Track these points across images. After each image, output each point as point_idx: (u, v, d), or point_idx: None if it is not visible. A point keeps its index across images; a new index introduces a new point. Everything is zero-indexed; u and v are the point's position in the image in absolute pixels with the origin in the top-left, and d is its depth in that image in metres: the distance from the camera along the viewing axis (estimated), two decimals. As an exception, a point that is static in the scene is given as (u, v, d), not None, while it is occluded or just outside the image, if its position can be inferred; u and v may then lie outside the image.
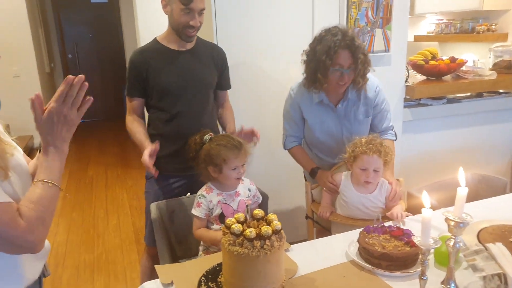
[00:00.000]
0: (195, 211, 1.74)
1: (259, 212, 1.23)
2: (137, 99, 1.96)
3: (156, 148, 1.76)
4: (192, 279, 1.28)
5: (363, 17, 2.60)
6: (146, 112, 2.04)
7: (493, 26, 3.76)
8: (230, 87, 2.15)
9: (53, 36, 7.25)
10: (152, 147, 1.76)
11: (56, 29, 7.27)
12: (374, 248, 1.33)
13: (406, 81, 2.88)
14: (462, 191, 1.09)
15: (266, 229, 1.14)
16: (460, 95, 3.19)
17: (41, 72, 5.82)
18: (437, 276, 1.20)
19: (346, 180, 1.88)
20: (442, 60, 3.05)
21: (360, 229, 1.48)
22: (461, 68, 3.09)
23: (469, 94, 3.21)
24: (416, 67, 3.09)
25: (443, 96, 3.05)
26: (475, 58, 3.74)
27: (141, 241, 3.19)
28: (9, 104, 4.88)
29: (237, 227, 1.16)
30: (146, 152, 1.75)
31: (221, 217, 1.73)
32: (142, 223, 3.46)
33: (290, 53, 2.49)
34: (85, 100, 1.07)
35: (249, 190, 1.83)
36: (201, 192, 1.77)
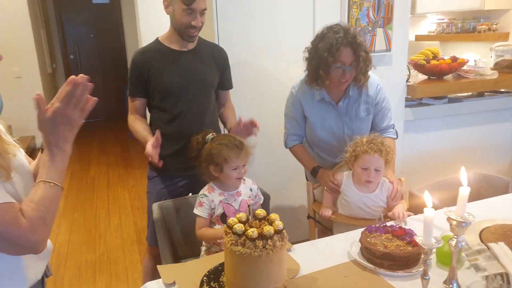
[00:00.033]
0: (197, 211, 1.74)
1: (261, 212, 1.24)
2: (139, 99, 1.96)
3: (158, 139, 1.73)
4: (194, 279, 1.28)
5: (364, 17, 2.60)
6: (148, 113, 2.05)
7: (494, 26, 3.76)
8: (232, 87, 2.15)
9: (55, 37, 7.27)
10: (154, 139, 1.73)
11: (58, 30, 7.28)
12: (376, 248, 1.33)
13: (408, 81, 2.88)
14: (464, 191, 1.09)
15: (268, 229, 1.14)
16: (462, 95, 3.18)
17: (43, 73, 5.82)
18: (439, 276, 1.21)
19: (347, 180, 1.88)
20: (444, 60, 3.05)
21: (362, 229, 1.48)
22: (463, 68, 3.09)
23: (471, 94, 3.21)
24: (418, 67, 3.09)
25: (445, 96, 3.05)
26: (477, 58, 3.73)
27: (143, 241, 3.20)
28: (11, 105, 4.89)
29: (239, 227, 1.16)
30: (149, 143, 1.73)
31: (223, 217, 1.73)
32: (144, 223, 3.47)
33: (291, 53, 2.49)
34: (89, 101, 1.06)
35: (251, 190, 1.83)
36: (203, 192, 1.77)
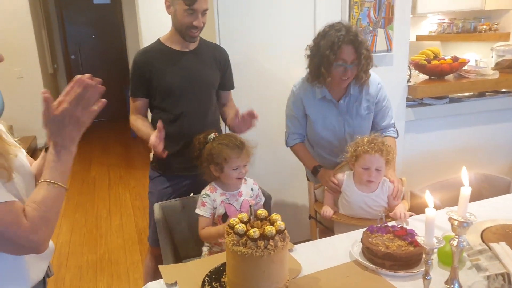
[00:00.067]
0: (200, 211, 1.74)
1: (263, 212, 1.24)
2: (141, 99, 1.96)
3: (161, 128, 1.72)
4: (196, 279, 1.28)
5: (365, 17, 2.60)
6: (149, 113, 2.05)
7: (495, 26, 3.76)
8: (234, 87, 2.15)
9: (56, 37, 7.27)
10: (157, 130, 1.73)
11: (59, 30, 7.29)
12: (378, 248, 1.33)
13: (409, 81, 2.88)
14: (466, 191, 1.09)
15: (270, 229, 1.14)
16: (463, 95, 3.18)
17: (44, 73, 5.83)
18: (441, 276, 1.21)
19: (348, 180, 1.88)
20: (444, 60, 3.05)
21: (363, 229, 1.48)
22: (463, 68, 3.09)
23: (472, 94, 3.21)
24: (418, 67, 3.09)
25: (446, 96, 3.05)
26: (477, 58, 3.73)
27: (144, 242, 3.20)
28: (12, 105, 4.90)
29: (241, 227, 1.16)
30: (153, 135, 1.73)
31: (224, 217, 1.73)
32: (145, 224, 3.47)
33: (292, 53, 2.50)
34: (98, 103, 1.06)
35: (252, 190, 1.83)
36: (205, 191, 1.77)
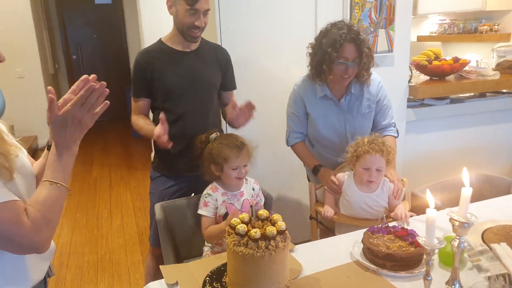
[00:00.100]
0: (203, 211, 1.74)
1: (264, 213, 1.24)
2: (144, 100, 1.96)
3: (163, 119, 1.74)
4: (197, 280, 1.29)
5: (366, 18, 2.60)
6: (151, 113, 2.05)
7: (496, 26, 3.76)
8: (236, 88, 2.15)
9: (57, 37, 7.28)
10: (160, 122, 1.74)
11: (60, 30, 7.30)
12: (379, 249, 1.33)
13: (410, 81, 2.88)
14: (467, 191, 1.09)
15: (271, 230, 1.14)
16: (463, 95, 3.18)
17: (45, 73, 5.83)
18: (442, 277, 1.21)
19: (349, 180, 1.88)
20: (445, 60, 3.05)
21: (364, 230, 1.48)
22: (464, 68, 3.09)
23: (472, 94, 3.21)
24: (419, 67, 3.09)
25: (447, 96, 3.05)
26: (478, 58, 3.73)
27: (145, 242, 3.20)
28: (14, 105, 4.91)
29: (242, 228, 1.16)
30: (158, 127, 1.74)
31: (225, 217, 1.73)
32: (146, 224, 3.48)
33: (293, 54, 2.50)
34: (101, 105, 1.06)
35: (253, 190, 1.84)
36: (207, 191, 1.78)
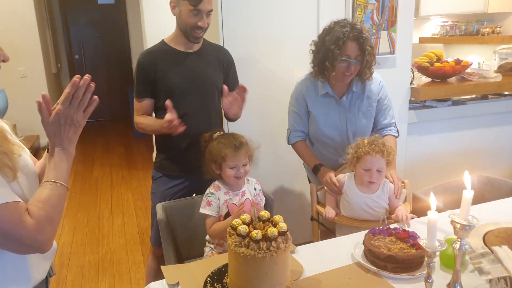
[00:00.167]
0: (207, 210, 1.74)
1: (265, 214, 1.24)
2: (147, 100, 1.96)
3: (171, 109, 1.76)
4: (198, 280, 1.29)
5: (369, 20, 2.60)
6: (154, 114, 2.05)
7: (498, 29, 3.76)
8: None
9: (60, 37, 7.30)
10: (168, 110, 1.76)
11: (63, 30, 7.31)
12: (380, 250, 1.33)
13: (411, 83, 2.88)
14: (468, 194, 1.09)
15: (272, 231, 1.14)
16: (465, 97, 3.18)
17: (48, 73, 5.86)
18: (443, 279, 1.21)
19: (350, 181, 1.88)
20: (447, 62, 3.05)
21: (365, 231, 1.48)
22: (466, 70, 3.09)
23: (474, 96, 3.21)
24: (421, 69, 3.09)
25: (448, 98, 3.05)
26: (480, 60, 3.73)
27: (146, 242, 3.20)
28: (16, 104, 4.93)
29: (243, 229, 1.16)
30: (168, 114, 1.76)
31: (227, 217, 1.74)
32: (147, 224, 3.48)
33: (295, 55, 2.50)
34: (91, 101, 1.08)
35: (255, 189, 1.84)
36: (210, 190, 1.78)
